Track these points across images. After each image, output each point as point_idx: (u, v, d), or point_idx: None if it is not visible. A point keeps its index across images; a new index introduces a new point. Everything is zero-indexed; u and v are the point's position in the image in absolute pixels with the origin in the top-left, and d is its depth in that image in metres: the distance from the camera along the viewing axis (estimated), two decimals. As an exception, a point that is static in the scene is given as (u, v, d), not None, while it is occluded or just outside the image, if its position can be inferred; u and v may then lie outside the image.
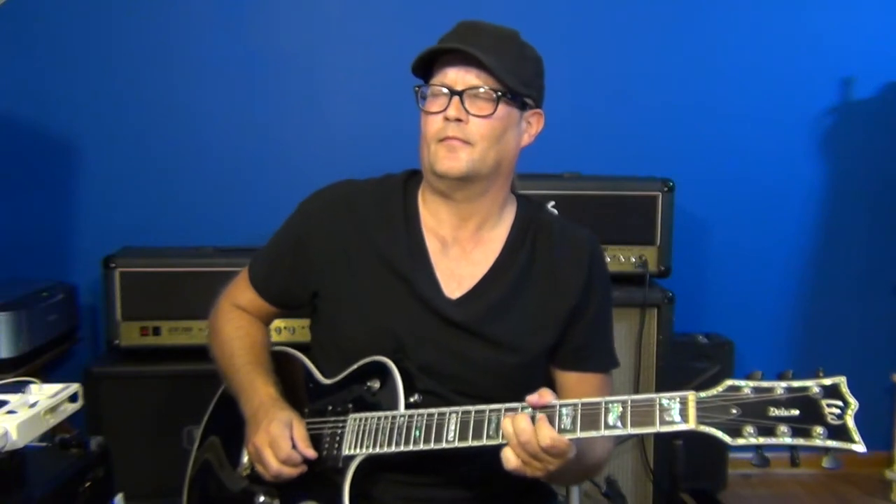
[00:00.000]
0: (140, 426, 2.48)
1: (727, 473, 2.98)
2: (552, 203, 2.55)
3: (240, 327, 1.58)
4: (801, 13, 3.05)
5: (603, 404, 1.19)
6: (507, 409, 1.24)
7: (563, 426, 1.20)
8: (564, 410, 1.20)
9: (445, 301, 1.43)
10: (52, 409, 1.51)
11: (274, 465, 1.35)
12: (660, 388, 2.48)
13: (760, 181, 3.11)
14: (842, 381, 1.15)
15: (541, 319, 1.44)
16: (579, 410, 1.20)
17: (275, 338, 2.46)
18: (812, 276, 3.21)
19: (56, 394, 1.54)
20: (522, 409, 1.22)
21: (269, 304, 1.59)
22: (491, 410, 1.25)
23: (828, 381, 1.15)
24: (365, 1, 2.96)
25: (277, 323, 2.47)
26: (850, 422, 1.11)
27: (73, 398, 1.58)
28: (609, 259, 2.58)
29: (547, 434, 1.18)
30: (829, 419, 1.12)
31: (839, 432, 1.11)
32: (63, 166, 2.93)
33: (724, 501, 2.90)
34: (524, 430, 1.19)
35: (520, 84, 1.41)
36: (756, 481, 3.15)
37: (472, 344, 1.41)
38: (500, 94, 1.38)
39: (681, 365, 2.68)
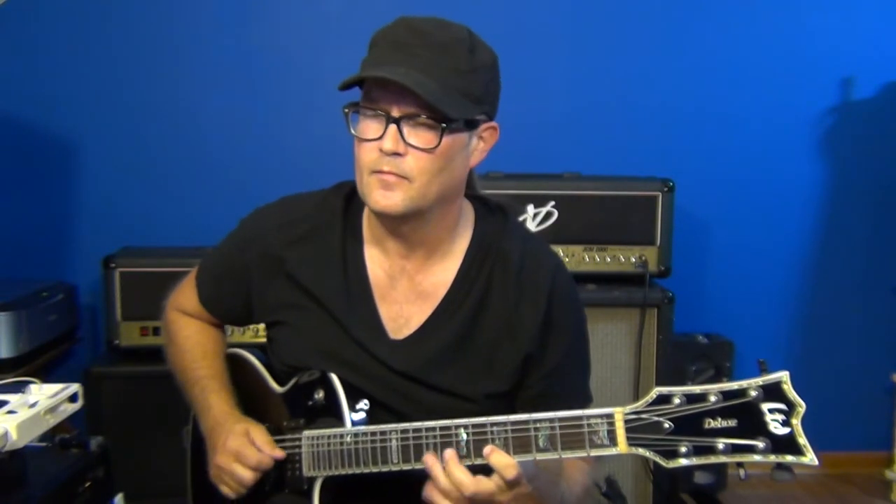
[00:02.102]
0: (140, 426, 2.48)
1: (727, 473, 2.97)
2: (552, 203, 2.55)
3: (189, 337, 1.51)
4: (801, 13, 3.05)
5: (532, 423, 1.10)
6: (441, 429, 1.17)
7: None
8: (496, 429, 1.12)
9: (388, 343, 1.33)
10: (52, 409, 1.51)
11: (247, 476, 1.30)
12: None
13: (760, 181, 3.11)
14: (783, 377, 1.00)
15: (491, 365, 1.32)
16: (510, 430, 1.12)
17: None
18: (812, 276, 3.21)
19: (56, 394, 1.54)
20: (456, 427, 1.16)
21: (222, 321, 1.55)
22: (427, 430, 1.18)
23: (766, 381, 0.99)
24: (365, 1, 2.96)
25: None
26: (797, 429, 0.98)
27: (73, 398, 1.59)
28: (609, 259, 2.58)
29: (508, 462, 1.10)
30: (772, 428, 0.98)
31: (784, 444, 0.98)
32: (63, 166, 2.93)
33: (724, 501, 2.90)
34: (464, 483, 1.11)
35: (470, 105, 1.23)
36: (756, 481, 3.14)
37: (416, 389, 1.32)
38: (444, 126, 1.20)
39: (681, 365, 2.69)
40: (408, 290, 1.35)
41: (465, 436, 1.15)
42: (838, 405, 3.10)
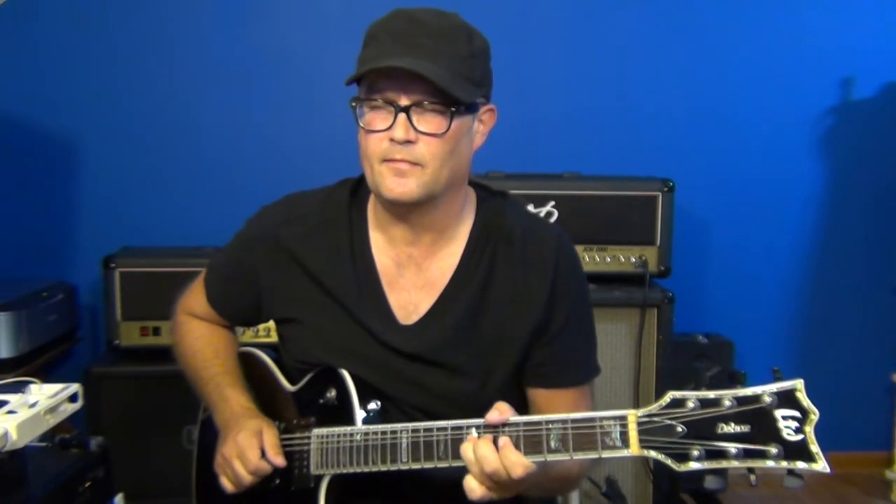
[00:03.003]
0: (140, 426, 2.48)
1: (727, 473, 2.97)
2: (552, 203, 2.55)
3: (200, 338, 1.52)
4: (801, 13, 3.05)
5: (544, 424, 1.10)
6: (453, 428, 1.17)
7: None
8: (507, 429, 1.12)
9: (398, 329, 1.35)
10: (52, 409, 1.51)
11: (245, 477, 1.30)
12: (659, 388, 2.48)
13: (760, 181, 3.11)
14: (797, 385, 1.00)
15: (501, 342, 1.33)
16: (521, 431, 1.12)
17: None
18: (812, 276, 3.21)
19: (56, 394, 1.54)
20: (467, 427, 1.16)
21: (231, 322, 1.55)
22: (438, 429, 1.19)
23: (781, 387, 0.99)
24: (365, 0, 2.96)
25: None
26: (809, 436, 0.98)
27: (73, 398, 1.59)
28: (609, 259, 2.58)
29: (516, 460, 1.10)
30: (785, 434, 0.98)
31: (796, 451, 0.98)
32: (63, 166, 2.93)
33: (724, 501, 2.90)
34: (488, 459, 1.10)
35: (473, 89, 1.26)
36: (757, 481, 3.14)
37: (429, 373, 1.33)
38: (453, 110, 1.23)
39: (681, 365, 2.69)
40: (415, 277, 1.37)
41: (476, 435, 1.15)
42: (838, 405, 3.08)
